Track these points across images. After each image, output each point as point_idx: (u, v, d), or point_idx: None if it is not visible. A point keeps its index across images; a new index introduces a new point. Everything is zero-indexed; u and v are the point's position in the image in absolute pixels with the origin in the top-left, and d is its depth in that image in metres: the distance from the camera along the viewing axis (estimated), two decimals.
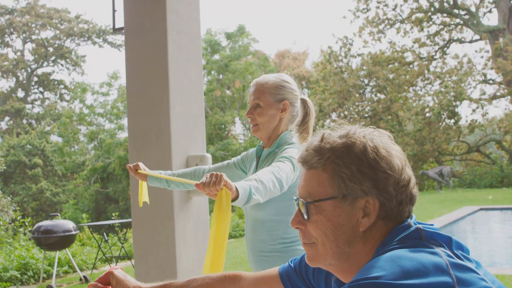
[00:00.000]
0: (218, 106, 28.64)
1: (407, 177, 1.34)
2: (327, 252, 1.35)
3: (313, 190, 1.36)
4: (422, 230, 1.28)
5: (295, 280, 1.66)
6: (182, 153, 4.18)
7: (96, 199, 27.32)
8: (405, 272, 1.13)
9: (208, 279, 1.75)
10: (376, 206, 1.32)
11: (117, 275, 1.78)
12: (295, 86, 2.72)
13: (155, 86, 4.16)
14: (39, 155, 31.05)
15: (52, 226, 8.55)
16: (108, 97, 29.17)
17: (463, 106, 29.25)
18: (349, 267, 1.36)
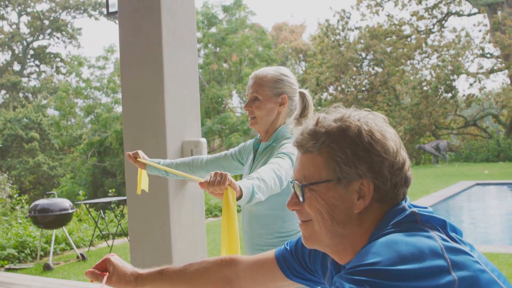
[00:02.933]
0: (215, 79, 28.54)
1: (402, 160, 1.35)
2: (322, 230, 1.36)
3: (308, 173, 1.37)
4: (417, 214, 1.29)
5: (291, 262, 1.67)
6: (177, 139, 4.17)
7: (93, 173, 27.35)
8: (401, 257, 1.14)
9: (205, 263, 1.77)
10: (371, 189, 1.32)
11: (114, 262, 1.80)
12: (294, 79, 2.71)
13: (150, 72, 4.13)
14: (36, 128, 31.00)
15: (49, 205, 8.56)
16: (104, 71, 29.04)
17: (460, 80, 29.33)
18: (344, 249, 1.37)
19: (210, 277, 1.76)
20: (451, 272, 1.15)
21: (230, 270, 1.75)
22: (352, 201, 1.33)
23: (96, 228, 10.36)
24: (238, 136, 24.38)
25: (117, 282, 1.79)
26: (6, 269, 8.57)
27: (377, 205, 1.34)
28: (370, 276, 1.12)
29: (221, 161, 2.99)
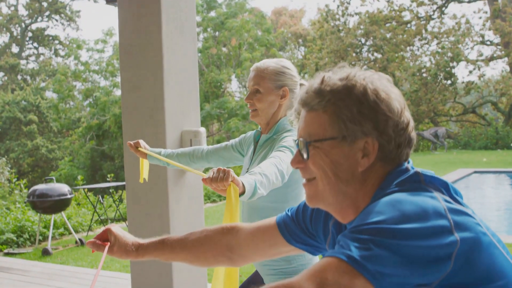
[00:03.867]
0: (214, 63, 28.44)
1: (406, 120, 1.36)
2: (326, 188, 1.38)
3: (313, 131, 1.38)
4: (420, 174, 1.31)
5: (292, 228, 1.68)
6: (176, 128, 4.18)
7: (92, 156, 27.32)
8: (405, 216, 1.15)
9: (206, 231, 1.78)
10: (375, 147, 1.34)
11: (115, 232, 1.80)
12: (295, 72, 2.70)
13: (149, 61, 4.12)
14: (34, 111, 30.93)
15: (47, 190, 8.57)
16: (103, 54, 28.92)
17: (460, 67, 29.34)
18: (347, 207, 1.39)
19: (212, 245, 1.76)
20: (453, 233, 1.16)
21: (231, 238, 1.75)
22: (356, 159, 1.35)
23: (95, 213, 10.39)
24: (236, 121, 24.34)
25: (118, 252, 1.79)
26: (5, 253, 8.60)
27: (380, 164, 1.36)
28: (374, 234, 1.13)
29: (222, 152, 3.00)
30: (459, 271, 1.17)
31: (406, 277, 1.12)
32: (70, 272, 6.85)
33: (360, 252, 1.11)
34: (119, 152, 26.14)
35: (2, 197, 12.46)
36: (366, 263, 1.09)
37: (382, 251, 1.10)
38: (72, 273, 6.83)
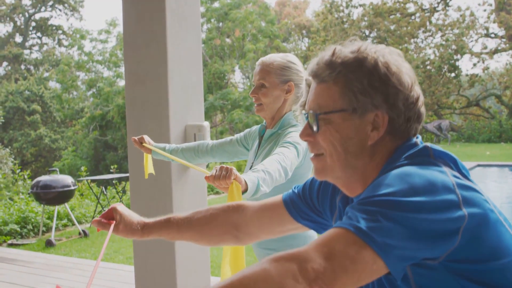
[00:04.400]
0: (217, 54, 28.43)
1: (416, 95, 1.36)
2: (335, 163, 1.38)
3: (323, 102, 1.38)
4: (430, 149, 1.31)
5: (299, 205, 1.68)
6: (180, 123, 4.17)
7: (95, 146, 27.38)
8: (414, 189, 1.15)
9: (212, 210, 1.78)
10: (385, 120, 1.34)
11: (120, 210, 1.80)
12: (301, 67, 2.70)
13: (153, 55, 4.12)
14: (38, 101, 30.96)
15: (51, 181, 8.60)
16: (106, 45, 28.91)
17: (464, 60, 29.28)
18: (355, 181, 1.39)
19: (218, 223, 1.76)
20: (461, 208, 1.16)
21: (237, 216, 1.75)
22: (366, 133, 1.35)
23: (98, 204, 10.42)
24: (240, 112, 24.35)
25: (124, 231, 1.78)
26: (9, 244, 8.64)
27: (389, 138, 1.36)
28: (382, 206, 1.13)
29: (227, 146, 3.00)
30: (465, 246, 1.17)
31: (413, 250, 1.12)
32: (73, 264, 6.88)
33: (368, 224, 1.11)
34: (122, 142, 26.19)
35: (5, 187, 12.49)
36: (373, 235, 1.09)
37: (390, 223, 1.11)
38: (75, 264, 6.86)
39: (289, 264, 1.06)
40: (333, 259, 1.08)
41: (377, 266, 1.10)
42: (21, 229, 9.17)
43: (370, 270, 1.10)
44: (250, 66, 27.82)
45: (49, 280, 6.12)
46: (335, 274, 1.07)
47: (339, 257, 1.08)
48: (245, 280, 1.05)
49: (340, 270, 1.07)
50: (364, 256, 1.09)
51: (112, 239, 8.81)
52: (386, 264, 1.10)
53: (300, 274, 1.05)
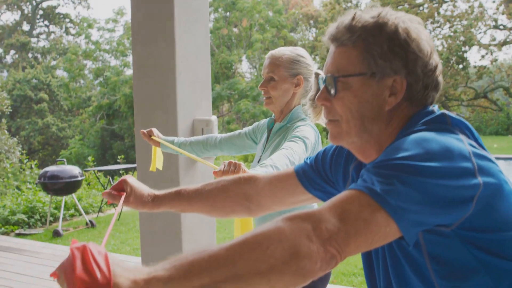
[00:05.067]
0: (225, 44, 28.38)
1: (435, 63, 1.36)
2: (351, 129, 1.37)
3: (342, 66, 1.37)
4: (447, 116, 1.30)
5: (311, 175, 1.68)
6: (188, 117, 4.18)
7: (102, 135, 27.45)
8: (431, 154, 1.15)
9: (223, 181, 1.77)
10: (404, 86, 1.33)
11: (131, 182, 1.79)
12: (310, 60, 2.70)
13: (162, 49, 4.12)
14: (45, 89, 31.02)
15: (58, 172, 8.63)
16: (113, 34, 28.92)
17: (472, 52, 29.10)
18: (371, 147, 1.39)
19: (229, 195, 1.75)
20: (476, 176, 1.16)
21: (249, 187, 1.74)
22: (384, 98, 1.34)
23: None
24: (247, 102, 24.32)
25: (134, 203, 1.78)
26: (16, 234, 8.69)
27: (406, 104, 1.36)
28: (398, 170, 1.13)
29: (235, 140, 3.01)
30: (479, 215, 1.17)
31: (427, 215, 1.12)
32: None
33: (383, 187, 1.11)
34: (129, 131, 26.23)
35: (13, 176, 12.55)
36: (388, 197, 1.09)
37: (405, 187, 1.10)
38: None
39: (303, 223, 1.06)
40: (347, 221, 1.08)
41: (390, 229, 1.10)
42: (28, 219, 9.22)
43: (384, 233, 1.10)
44: (257, 56, 27.77)
45: None
46: (349, 235, 1.07)
47: (353, 218, 1.08)
48: (259, 237, 1.05)
49: (354, 232, 1.07)
50: (378, 218, 1.09)
51: (119, 230, 8.85)
52: (399, 227, 1.10)
53: (314, 233, 1.05)
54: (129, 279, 0.98)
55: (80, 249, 0.97)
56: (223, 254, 1.02)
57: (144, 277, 0.99)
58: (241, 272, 1.01)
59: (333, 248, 1.05)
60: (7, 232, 8.77)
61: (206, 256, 1.02)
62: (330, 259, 1.06)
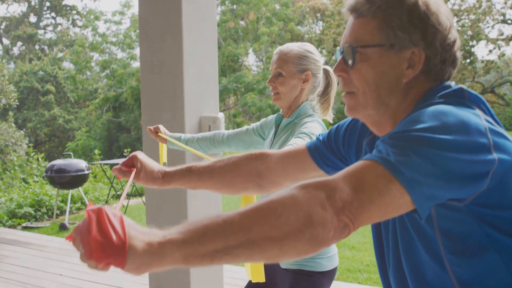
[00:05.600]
0: (231, 37, 28.33)
1: (453, 38, 1.36)
2: (368, 101, 1.37)
3: (361, 37, 1.36)
4: (465, 91, 1.30)
5: (323, 151, 1.68)
6: (195, 114, 4.18)
7: (108, 128, 27.49)
8: (448, 127, 1.14)
9: (234, 158, 1.76)
10: (422, 59, 1.33)
11: (141, 158, 1.79)
12: (319, 56, 2.71)
13: (169, 46, 4.12)
14: (52, 81, 31.06)
15: (65, 166, 8.66)
16: (120, 26, 28.91)
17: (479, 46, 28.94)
18: (386, 120, 1.39)
19: (240, 171, 1.74)
20: (492, 152, 1.15)
21: (260, 163, 1.74)
22: (402, 70, 1.34)
23: (111, 188, 10.48)
24: (253, 96, 24.30)
25: (145, 179, 1.77)
26: (23, 227, 8.73)
27: (423, 78, 1.35)
28: (414, 142, 1.13)
29: (243, 136, 3.02)
30: (492, 191, 1.17)
31: (441, 189, 1.12)
32: None
33: (398, 158, 1.11)
34: (135, 124, 26.26)
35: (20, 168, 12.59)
36: (402, 169, 1.09)
37: (420, 159, 1.10)
38: None
39: (317, 192, 1.07)
40: (361, 191, 1.08)
41: (404, 200, 1.10)
42: (35, 212, 9.26)
43: (397, 204, 1.10)
44: (264, 50, 27.72)
45: (62, 264, 6.18)
46: (362, 205, 1.07)
47: (367, 188, 1.08)
48: (273, 204, 1.05)
49: (368, 202, 1.08)
50: (392, 189, 1.09)
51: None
52: (412, 199, 1.10)
53: (328, 202, 1.05)
54: (143, 241, 0.99)
55: (95, 211, 0.98)
56: (237, 219, 1.03)
57: (159, 240, 1.00)
58: (254, 238, 1.02)
59: (347, 218, 1.06)
60: (14, 225, 8.82)
61: (221, 221, 1.03)
62: (343, 228, 1.06)
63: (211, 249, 1.01)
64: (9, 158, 12.21)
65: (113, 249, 0.95)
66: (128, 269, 0.99)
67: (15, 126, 13.09)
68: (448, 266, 1.26)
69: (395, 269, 1.40)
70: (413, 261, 1.33)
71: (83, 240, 0.97)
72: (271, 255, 1.05)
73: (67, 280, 5.59)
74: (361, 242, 7.29)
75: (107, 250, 0.95)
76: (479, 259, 1.23)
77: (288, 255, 1.05)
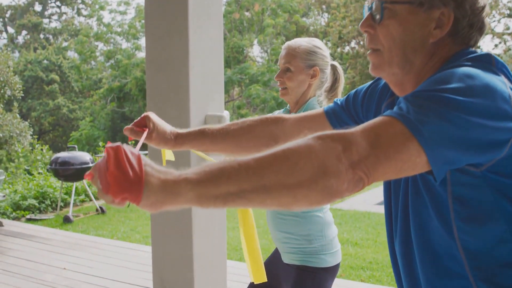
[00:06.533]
0: (236, 28, 28.29)
1: (483, 3, 1.34)
2: (393, 59, 1.35)
3: None
4: (492, 57, 1.27)
5: (341, 115, 1.67)
6: (200, 112, 4.17)
7: (112, 118, 27.50)
8: (473, 90, 1.12)
9: (249, 121, 1.75)
10: (450, 20, 1.31)
11: (153, 119, 1.76)
12: (327, 52, 2.71)
13: (175, 44, 4.11)
14: (56, 71, 31.07)
15: (70, 158, 8.68)
16: (125, 16, 28.87)
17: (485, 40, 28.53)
18: (410, 80, 1.37)
19: (255, 134, 1.73)
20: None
21: (275, 127, 1.73)
22: (429, 29, 1.32)
23: None
24: (257, 87, 24.28)
25: (157, 139, 1.74)
26: (27, 219, 8.76)
27: (450, 40, 1.34)
28: (437, 102, 1.11)
29: None
30: (510, 160, 1.17)
31: (459, 153, 1.11)
32: (91, 242, 6.97)
33: (418, 116, 1.09)
34: (139, 115, 26.19)
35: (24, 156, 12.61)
36: (421, 128, 1.08)
37: (441, 121, 1.09)
38: (93, 243, 6.94)
39: (334, 143, 1.06)
40: (378, 146, 1.07)
41: (421, 160, 1.08)
42: (39, 204, 9.28)
43: (413, 162, 1.09)
44: (269, 41, 27.67)
45: (66, 258, 6.20)
46: (378, 160, 1.07)
47: (385, 144, 1.07)
48: (289, 152, 1.06)
49: (384, 158, 1.07)
50: (410, 148, 1.07)
51: (129, 217, 8.89)
52: (429, 160, 1.09)
53: (344, 155, 1.05)
54: (159, 179, 1.01)
55: (114, 148, 1.00)
56: (253, 164, 1.04)
57: (174, 179, 1.02)
58: (268, 184, 1.03)
59: (361, 172, 1.06)
60: (18, 217, 8.84)
61: (236, 165, 1.03)
62: (357, 181, 1.06)
63: (224, 192, 1.02)
64: (13, 149, 12.23)
65: (129, 184, 0.98)
66: (143, 205, 1.01)
67: (19, 117, 13.10)
68: (456, 232, 1.25)
69: (402, 233, 1.40)
70: (421, 225, 1.32)
71: (101, 176, 1.00)
72: (284, 202, 1.05)
73: (70, 274, 5.61)
74: (364, 238, 7.29)
75: (123, 185, 0.98)
76: (488, 228, 1.23)
77: (300, 204, 1.06)
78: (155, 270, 4.33)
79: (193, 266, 4.16)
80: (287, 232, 2.62)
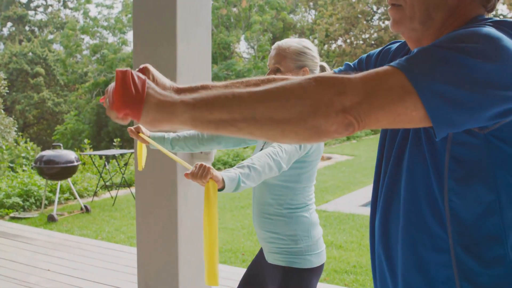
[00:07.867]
0: (223, 24, 28.24)
1: None
2: (415, 14, 1.32)
3: None
4: None
5: None
6: None
7: (98, 112, 27.35)
8: (490, 52, 1.09)
9: (254, 80, 1.69)
10: None
11: (153, 71, 1.70)
12: (316, 53, 2.71)
13: (163, 50, 4.10)
14: (41, 64, 30.85)
15: (55, 157, 8.61)
16: (112, 10, 28.70)
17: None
18: (428, 37, 1.34)
19: None
20: None
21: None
22: None
23: (100, 178, 10.46)
24: None
25: None
26: (11, 217, 8.70)
27: (475, 4, 1.32)
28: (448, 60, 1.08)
29: None
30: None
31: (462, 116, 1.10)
32: (75, 243, 6.93)
33: (424, 71, 1.07)
34: None
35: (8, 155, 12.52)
36: (424, 84, 1.06)
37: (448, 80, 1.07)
38: (77, 243, 6.91)
39: (329, 87, 1.07)
40: (373, 95, 1.07)
41: (417, 114, 1.08)
42: (23, 202, 9.22)
43: (409, 116, 1.09)
44: (256, 38, 27.65)
45: (50, 259, 6.17)
46: (371, 108, 1.07)
47: (381, 94, 1.07)
48: (283, 89, 1.09)
49: (377, 107, 1.07)
50: (406, 100, 1.07)
51: (113, 216, 8.86)
52: (430, 118, 1.08)
53: (337, 98, 1.06)
54: (159, 99, 1.11)
55: (123, 71, 1.12)
56: (246, 96, 1.09)
57: (172, 100, 1.11)
58: (259, 116, 1.08)
59: (352, 117, 1.07)
60: (1, 215, 8.78)
61: (230, 95, 1.09)
62: (347, 125, 1.08)
63: (217, 118, 1.08)
64: None
65: (131, 100, 1.09)
66: (142, 121, 1.11)
67: (4, 113, 13.00)
68: (447, 192, 1.25)
69: (389, 186, 1.40)
70: (414, 180, 1.31)
71: (109, 94, 1.15)
72: (272, 135, 1.10)
73: (55, 276, 5.58)
74: (348, 241, 7.32)
75: (125, 101, 1.10)
76: (478, 193, 1.24)
77: (289, 139, 1.10)
78: (140, 275, 4.33)
79: (178, 271, 4.16)
80: (273, 232, 2.63)
